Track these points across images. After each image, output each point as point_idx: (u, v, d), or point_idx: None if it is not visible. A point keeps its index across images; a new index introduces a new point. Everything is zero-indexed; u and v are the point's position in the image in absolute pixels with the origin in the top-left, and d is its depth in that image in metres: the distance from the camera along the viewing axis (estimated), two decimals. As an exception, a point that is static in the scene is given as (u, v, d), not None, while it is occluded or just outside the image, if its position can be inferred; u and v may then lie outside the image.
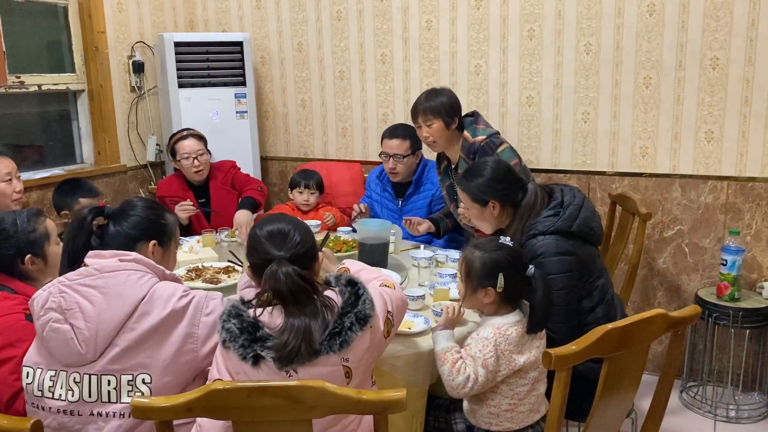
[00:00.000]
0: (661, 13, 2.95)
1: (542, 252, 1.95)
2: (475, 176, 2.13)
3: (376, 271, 1.83)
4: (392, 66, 3.59)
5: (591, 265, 2.05)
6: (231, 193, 3.29)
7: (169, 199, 3.09)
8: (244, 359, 1.38)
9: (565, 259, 1.96)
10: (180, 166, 3.15)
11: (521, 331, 1.76)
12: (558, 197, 2.06)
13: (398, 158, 3.01)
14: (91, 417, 1.52)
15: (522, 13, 3.22)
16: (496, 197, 2.09)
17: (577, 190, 2.11)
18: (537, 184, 2.14)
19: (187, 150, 3.10)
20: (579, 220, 2.01)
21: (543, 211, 2.03)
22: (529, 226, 2.02)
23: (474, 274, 1.79)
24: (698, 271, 3.08)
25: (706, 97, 2.94)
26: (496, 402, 1.77)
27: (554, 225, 1.98)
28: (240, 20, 3.95)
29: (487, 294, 1.78)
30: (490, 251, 1.80)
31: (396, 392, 1.23)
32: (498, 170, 2.13)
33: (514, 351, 1.74)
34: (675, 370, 1.73)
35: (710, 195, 3.00)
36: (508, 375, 1.75)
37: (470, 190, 2.13)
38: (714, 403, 2.90)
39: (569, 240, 1.98)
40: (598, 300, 2.05)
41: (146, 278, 1.57)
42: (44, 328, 1.53)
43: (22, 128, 3.55)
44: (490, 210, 2.11)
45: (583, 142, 3.22)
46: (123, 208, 1.71)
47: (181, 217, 2.96)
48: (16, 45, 3.33)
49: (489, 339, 1.74)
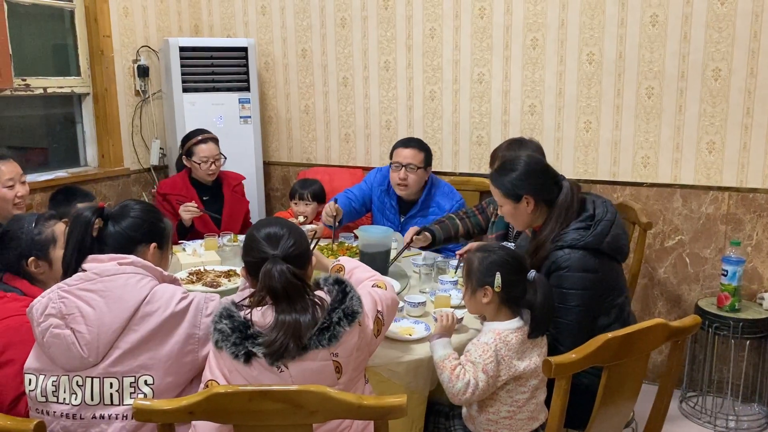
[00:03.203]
0: (664, 24, 2.97)
1: (567, 266, 1.92)
2: (508, 171, 2.06)
3: (370, 270, 1.85)
4: (395, 73, 3.61)
5: (614, 282, 2.01)
6: (243, 202, 3.31)
7: (173, 197, 3.10)
8: (236, 357, 1.41)
9: (588, 276, 1.92)
10: (193, 167, 3.16)
11: (521, 338, 1.76)
12: (590, 209, 2.00)
13: (411, 168, 2.92)
14: (93, 420, 1.53)
15: (525, 22, 3.24)
16: (530, 192, 2.02)
17: (609, 204, 2.04)
18: (573, 183, 2.06)
19: (206, 154, 3.11)
20: (609, 237, 1.95)
21: (573, 223, 1.97)
22: (557, 236, 1.97)
23: (473, 273, 1.81)
24: (699, 282, 3.08)
25: (708, 108, 2.96)
26: (495, 409, 1.78)
27: (583, 240, 1.93)
28: (245, 26, 3.98)
29: (486, 294, 1.78)
30: (490, 252, 1.81)
31: (397, 398, 1.24)
32: (532, 164, 2.06)
33: (514, 357, 1.75)
34: (675, 380, 1.74)
35: (711, 205, 3.01)
36: (508, 381, 1.75)
37: (503, 185, 2.06)
38: (713, 413, 2.90)
39: (596, 257, 1.93)
40: (614, 318, 2.01)
41: (145, 281, 1.59)
42: (45, 335, 1.53)
43: (26, 131, 3.57)
44: (523, 206, 2.04)
45: (585, 151, 3.23)
46: (122, 210, 1.72)
47: (184, 218, 2.97)
48: (22, 48, 3.35)
49: (489, 344, 1.74)
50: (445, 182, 3.09)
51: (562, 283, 1.94)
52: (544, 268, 1.99)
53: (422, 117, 3.59)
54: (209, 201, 3.19)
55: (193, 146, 3.13)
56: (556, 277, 1.95)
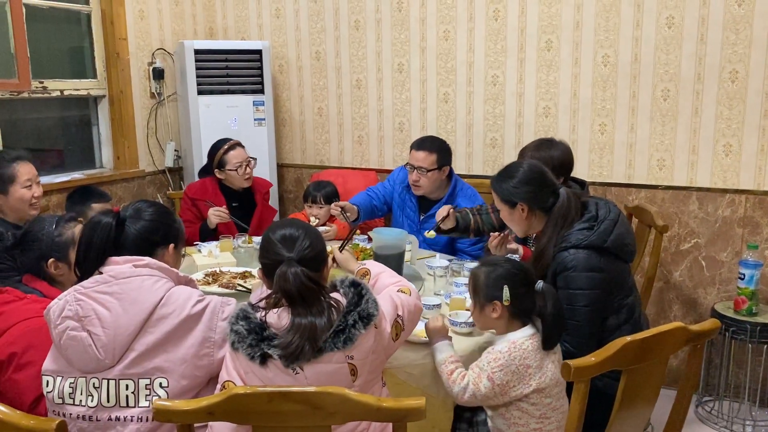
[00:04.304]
0: (680, 25, 2.95)
1: (573, 266, 1.92)
2: (506, 177, 2.10)
3: (396, 276, 1.84)
4: (409, 75, 3.61)
5: (621, 282, 2.01)
6: (272, 210, 3.32)
7: (202, 201, 3.11)
8: (252, 359, 1.42)
9: (595, 276, 1.92)
10: (228, 176, 3.13)
11: (537, 344, 1.74)
12: (592, 210, 2.01)
13: (422, 171, 2.90)
14: (109, 422, 1.53)
15: (540, 24, 3.24)
16: (524, 200, 2.06)
17: (612, 204, 2.06)
18: (571, 191, 2.09)
19: (239, 159, 3.11)
20: (613, 236, 1.96)
21: (576, 224, 1.99)
22: (561, 238, 1.98)
23: (480, 289, 1.79)
24: (715, 285, 3.06)
25: (725, 110, 2.93)
26: (524, 422, 1.75)
27: (587, 239, 1.94)
28: (259, 29, 3.99)
29: (495, 309, 1.76)
30: (495, 265, 1.79)
31: (416, 400, 1.24)
32: (530, 173, 2.08)
33: (531, 366, 1.72)
34: (693, 385, 1.72)
35: (728, 208, 2.98)
36: (529, 395, 1.72)
37: (500, 190, 2.11)
38: (730, 418, 2.87)
39: (601, 256, 1.94)
40: (625, 318, 2.00)
41: (161, 283, 1.59)
42: (62, 337, 1.54)
43: (43, 132, 3.60)
44: (519, 212, 2.07)
45: (600, 154, 3.22)
46: (137, 212, 1.72)
47: (211, 221, 2.98)
48: (39, 51, 3.38)
49: (503, 353, 1.72)
50: (470, 186, 3.06)
51: (569, 284, 1.93)
52: (550, 271, 1.99)
53: (436, 119, 3.58)
54: (237, 208, 3.19)
55: (223, 156, 3.11)
56: (562, 278, 1.94)
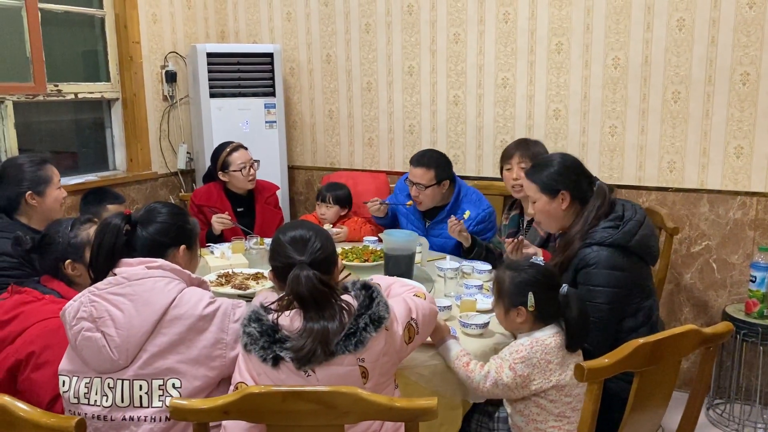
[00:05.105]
0: (691, 27, 2.95)
1: (594, 263, 1.93)
2: (544, 167, 2.11)
3: (408, 284, 1.86)
4: (419, 78, 3.63)
5: (641, 284, 2.01)
6: (276, 213, 3.33)
7: (207, 207, 3.13)
8: (264, 361, 1.43)
9: (616, 274, 1.93)
10: (232, 177, 3.15)
11: (560, 342, 1.75)
12: (619, 211, 2.02)
13: (420, 188, 2.90)
14: (123, 422, 1.56)
15: (550, 26, 3.24)
16: (567, 188, 2.06)
17: (638, 207, 2.06)
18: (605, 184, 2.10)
19: (242, 159, 3.13)
20: (638, 237, 1.96)
21: (602, 222, 1.99)
22: (586, 235, 1.99)
23: (505, 293, 1.80)
24: (726, 288, 3.05)
25: (736, 112, 2.93)
26: (543, 418, 1.76)
27: (612, 237, 1.94)
28: (270, 32, 4.02)
29: (519, 314, 1.78)
30: (520, 270, 1.80)
31: (428, 400, 1.25)
32: (568, 161, 2.11)
33: (552, 362, 1.73)
34: (706, 388, 1.72)
35: (739, 211, 2.97)
36: (548, 391, 1.73)
37: (540, 179, 2.09)
38: (741, 421, 2.86)
39: (624, 256, 1.95)
40: (642, 321, 2.00)
41: (173, 284, 1.61)
42: (77, 337, 1.57)
43: (57, 135, 3.64)
44: (558, 202, 2.07)
45: (610, 156, 3.22)
46: (149, 214, 1.74)
47: (215, 228, 3.00)
48: (54, 54, 3.42)
49: (525, 345, 1.74)
50: (475, 190, 3.06)
51: (589, 280, 1.94)
52: (572, 266, 2.00)
53: (446, 121, 3.60)
54: (243, 213, 3.21)
55: (226, 158, 3.13)
56: (583, 274, 1.95)
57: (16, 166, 2.38)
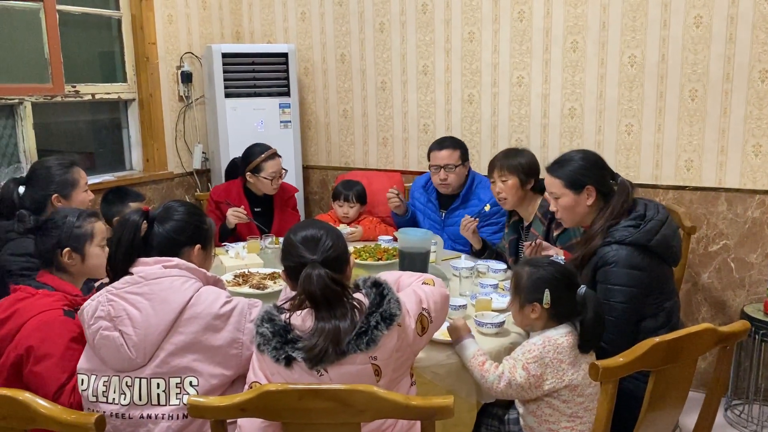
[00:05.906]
0: (708, 25, 2.92)
1: (613, 262, 1.92)
2: (567, 162, 2.10)
3: (415, 274, 1.85)
4: (434, 77, 3.62)
5: (662, 284, 1.99)
6: (294, 216, 3.34)
7: (224, 206, 3.15)
8: (277, 361, 1.44)
9: (635, 273, 1.91)
10: (259, 182, 3.15)
11: (573, 341, 1.75)
12: (640, 210, 2.00)
13: (450, 168, 3.00)
14: (141, 420, 1.57)
15: (566, 25, 3.22)
16: (593, 182, 2.05)
17: (661, 206, 2.04)
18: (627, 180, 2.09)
19: (275, 169, 3.14)
20: (659, 236, 1.94)
21: (623, 221, 1.98)
22: (606, 233, 1.97)
23: (521, 288, 1.80)
24: (744, 287, 3.02)
25: (755, 110, 2.90)
26: (555, 419, 1.76)
27: (632, 236, 1.93)
28: (285, 32, 4.04)
29: (534, 310, 1.78)
30: (539, 267, 1.80)
31: (444, 399, 1.26)
32: (590, 156, 2.12)
33: (565, 361, 1.73)
34: (723, 387, 1.70)
35: (758, 209, 2.94)
36: (561, 390, 1.73)
37: (565, 175, 2.08)
38: (760, 422, 2.83)
39: (644, 255, 1.93)
40: (663, 322, 1.98)
41: (190, 283, 1.62)
42: (95, 336, 1.59)
43: (75, 135, 3.68)
44: (584, 197, 2.06)
45: (627, 154, 3.20)
46: (166, 212, 1.76)
47: (230, 221, 3.02)
48: (71, 55, 3.46)
49: (537, 345, 1.74)
50: (484, 176, 3.10)
51: (608, 279, 1.93)
52: (591, 265, 1.98)
53: (460, 120, 3.59)
54: (260, 213, 3.22)
55: (261, 162, 3.12)
56: (602, 272, 1.94)
57: (44, 168, 2.42)
